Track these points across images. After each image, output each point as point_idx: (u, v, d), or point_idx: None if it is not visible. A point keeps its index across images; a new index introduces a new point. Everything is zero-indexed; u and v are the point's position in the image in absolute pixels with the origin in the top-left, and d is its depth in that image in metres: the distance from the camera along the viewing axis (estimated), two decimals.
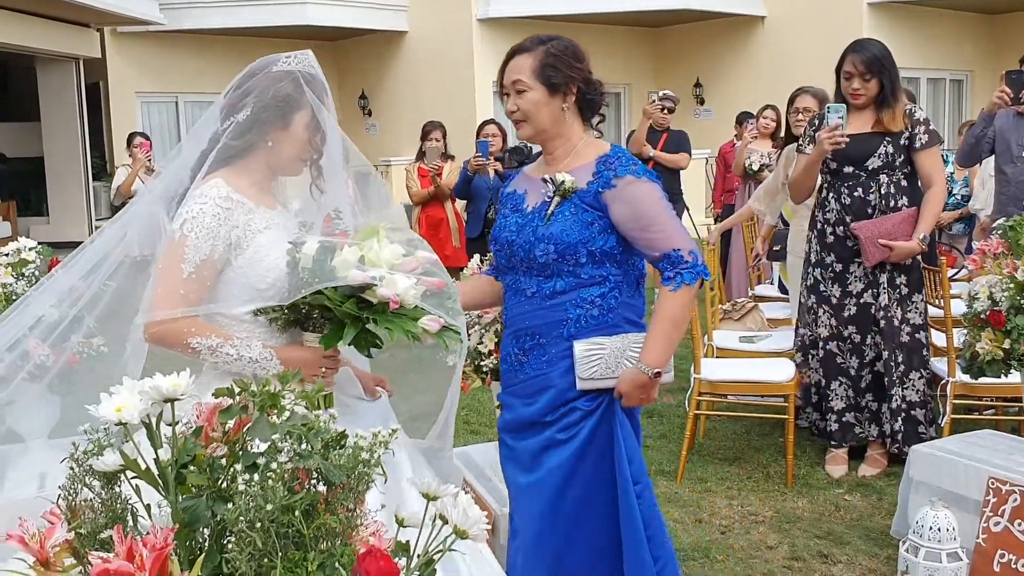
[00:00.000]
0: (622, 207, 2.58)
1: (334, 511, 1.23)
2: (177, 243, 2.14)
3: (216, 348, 2.13)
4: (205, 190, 2.18)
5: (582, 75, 2.66)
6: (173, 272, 2.14)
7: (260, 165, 2.29)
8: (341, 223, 2.27)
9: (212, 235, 2.15)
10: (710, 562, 3.76)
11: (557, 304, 2.64)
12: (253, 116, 2.22)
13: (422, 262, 2.18)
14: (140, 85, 16.54)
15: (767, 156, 8.18)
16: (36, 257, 3.59)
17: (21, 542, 1.27)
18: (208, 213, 2.15)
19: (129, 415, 1.22)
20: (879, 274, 4.52)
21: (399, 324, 2.07)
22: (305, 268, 2.08)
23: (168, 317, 2.12)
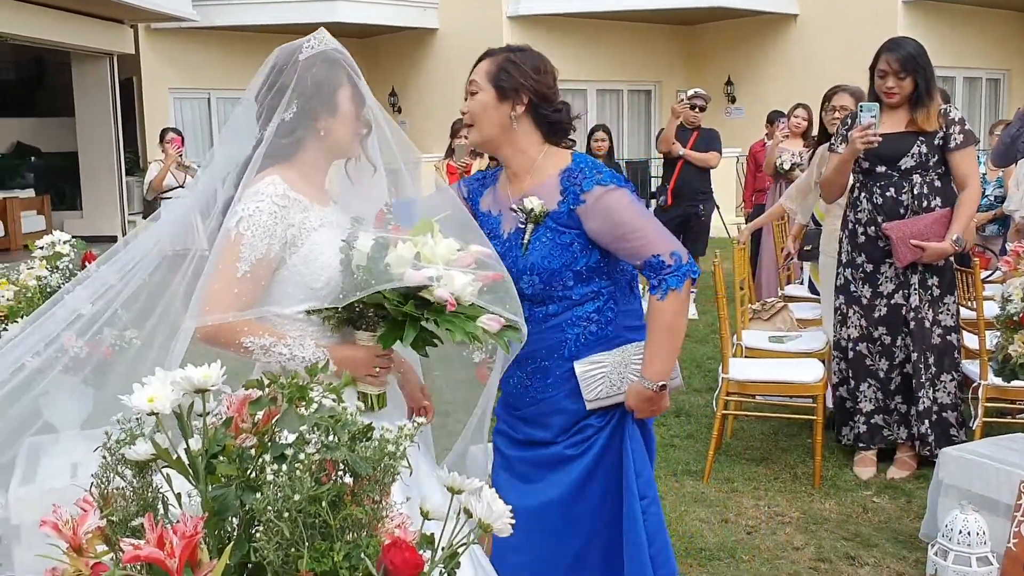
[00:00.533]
0: (596, 221, 2.49)
1: (360, 502, 1.24)
2: (233, 242, 2.09)
3: (269, 347, 2.08)
4: (261, 187, 2.13)
5: (536, 86, 2.52)
6: (228, 271, 2.08)
7: (315, 156, 2.25)
8: (394, 217, 2.20)
9: (268, 233, 2.10)
10: (736, 562, 3.75)
11: (553, 327, 2.56)
12: (300, 111, 2.18)
13: (476, 256, 2.13)
14: (173, 81, 16.71)
15: (798, 155, 8.12)
16: (70, 251, 3.63)
17: (55, 528, 1.29)
18: (265, 211, 2.10)
19: (161, 405, 1.24)
20: (910, 275, 4.48)
21: (459, 325, 2.02)
22: (360, 267, 2.04)
23: (220, 322, 2.07)
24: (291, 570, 1.18)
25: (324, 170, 2.30)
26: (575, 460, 2.61)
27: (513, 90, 2.51)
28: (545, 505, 2.61)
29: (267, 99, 2.20)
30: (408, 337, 2.02)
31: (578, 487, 2.61)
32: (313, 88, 2.19)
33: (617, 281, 2.62)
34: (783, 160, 8.20)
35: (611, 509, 2.62)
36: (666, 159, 8.75)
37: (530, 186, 2.55)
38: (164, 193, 9.17)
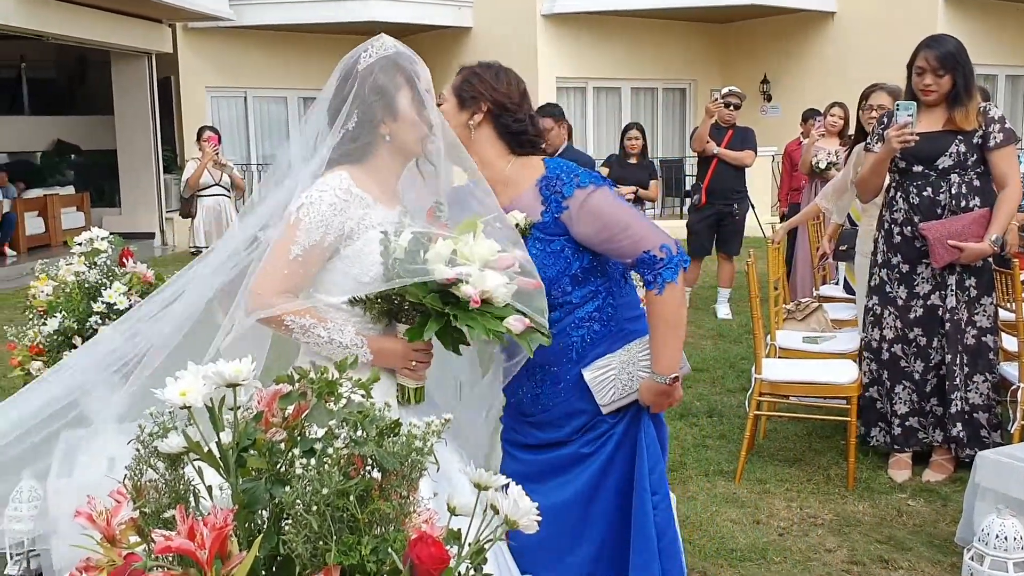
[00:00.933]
0: (583, 225, 2.49)
1: (388, 497, 1.25)
2: (292, 225, 2.18)
3: (309, 328, 2.15)
4: (329, 179, 2.21)
5: (495, 96, 2.55)
6: (281, 251, 2.17)
7: (385, 160, 2.31)
8: (443, 215, 2.27)
9: (325, 223, 2.17)
10: (767, 563, 3.72)
11: (558, 333, 2.53)
12: (360, 120, 2.25)
13: (519, 260, 2.16)
14: (210, 80, 16.89)
15: (834, 154, 8.05)
16: (108, 247, 3.69)
17: (89, 519, 1.31)
18: (326, 201, 2.17)
19: (193, 399, 1.25)
20: (948, 276, 4.42)
21: (481, 322, 2.04)
22: (398, 260, 2.09)
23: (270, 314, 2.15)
24: (319, 563, 1.19)
25: (397, 172, 2.36)
26: (590, 457, 2.62)
27: (472, 98, 2.57)
28: (561, 505, 2.61)
29: (334, 106, 2.29)
30: (430, 330, 2.06)
31: (594, 484, 2.62)
32: (372, 96, 2.26)
33: (611, 275, 2.63)
34: (819, 159, 8.12)
35: (624, 504, 2.62)
36: (700, 158, 8.70)
37: (510, 199, 2.54)
38: (200, 191, 9.27)
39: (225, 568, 1.16)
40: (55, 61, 19.56)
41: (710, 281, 9.63)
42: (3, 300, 10.52)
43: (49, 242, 14.65)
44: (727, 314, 8.59)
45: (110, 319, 3.48)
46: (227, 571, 1.16)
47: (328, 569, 1.18)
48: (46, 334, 3.48)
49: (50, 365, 3.48)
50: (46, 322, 3.51)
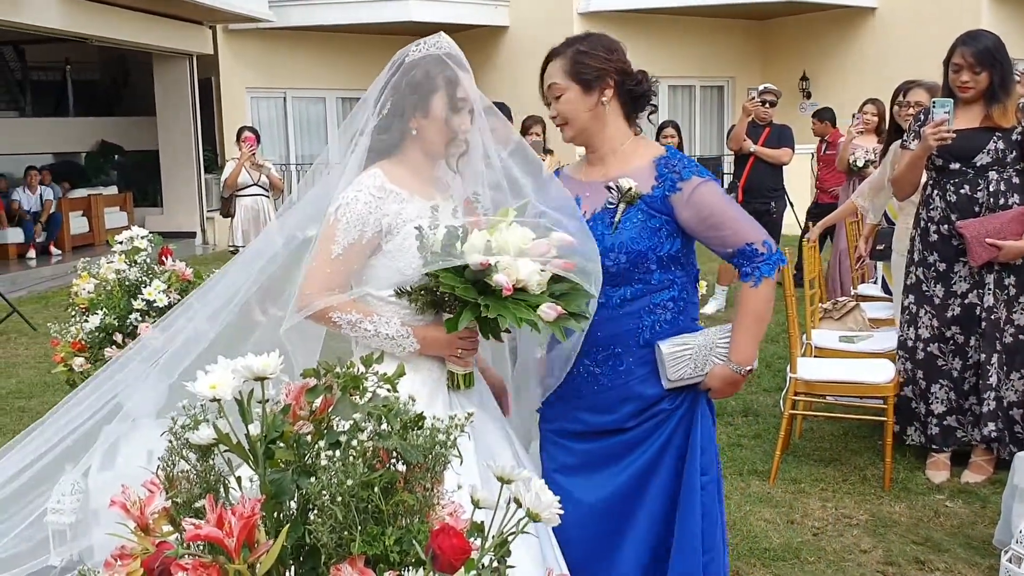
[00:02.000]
0: (690, 210, 2.52)
1: (412, 489, 1.27)
2: (331, 225, 2.29)
3: (356, 323, 2.25)
4: (363, 178, 2.32)
5: (615, 66, 2.57)
6: (324, 251, 2.29)
7: (415, 153, 2.40)
8: (480, 205, 2.32)
9: (361, 221, 2.27)
10: (801, 563, 3.70)
11: (630, 312, 2.57)
12: (392, 109, 2.35)
13: (556, 244, 2.20)
14: (250, 80, 17.07)
15: (872, 152, 7.96)
16: (147, 245, 3.76)
17: (123, 508, 1.35)
18: (361, 200, 2.28)
19: (223, 392, 1.29)
20: (986, 274, 4.37)
21: (511, 311, 2.09)
22: (435, 252, 2.15)
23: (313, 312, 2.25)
24: (344, 552, 1.21)
25: (430, 165, 2.43)
26: (644, 443, 2.62)
27: (596, 77, 2.56)
28: (613, 493, 2.63)
29: (375, 95, 2.38)
30: (464, 320, 2.11)
31: (648, 470, 2.62)
32: (407, 89, 2.34)
33: (689, 272, 2.66)
34: (856, 157, 8.04)
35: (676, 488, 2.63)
36: (737, 156, 8.65)
37: (617, 170, 2.59)
38: (239, 191, 9.36)
39: (252, 556, 1.19)
40: (99, 63, 19.90)
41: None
42: (50, 298, 10.74)
43: (93, 241, 14.91)
44: None
45: (150, 316, 3.55)
46: (254, 559, 1.19)
47: (353, 559, 1.21)
48: (88, 331, 3.56)
49: (91, 361, 3.55)
50: (88, 319, 3.58)
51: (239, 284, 2.58)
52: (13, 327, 8.94)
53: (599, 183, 2.60)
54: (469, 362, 2.37)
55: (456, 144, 2.39)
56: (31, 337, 8.57)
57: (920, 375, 4.56)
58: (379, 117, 2.35)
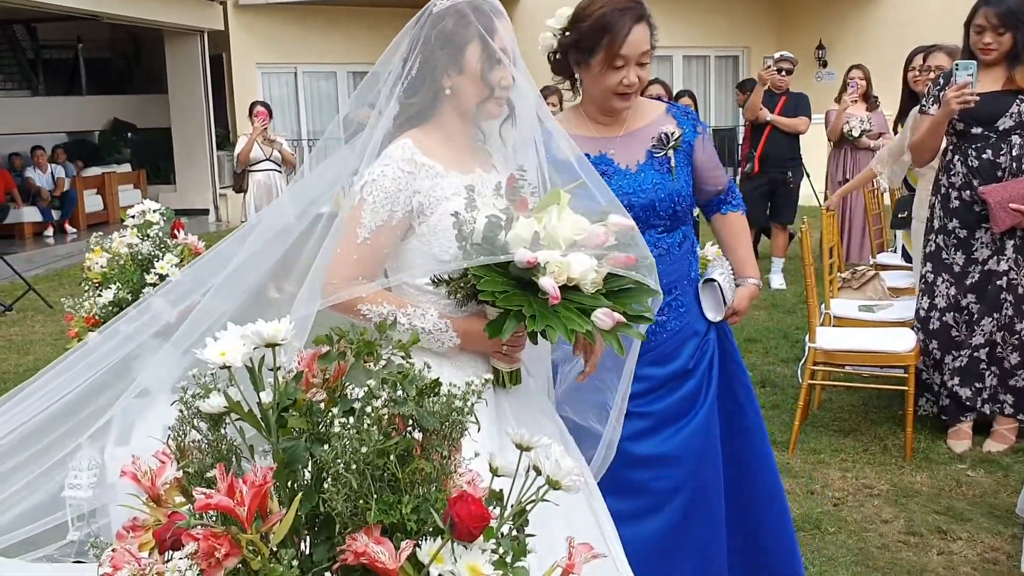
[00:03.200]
0: (705, 152, 2.73)
1: (429, 457, 1.24)
2: (356, 206, 2.02)
3: (387, 316, 1.97)
4: (391, 150, 2.04)
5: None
6: (349, 236, 2.02)
7: (451, 118, 2.12)
8: (527, 184, 2.01)
9: (391, 200, 2.00)
10: (821, 534, 3.67)
11: (684, 253, 2.70)
12: (423, 66, 2.06)
13: (614, 230, 1.95)
14: (260, 56, 17.01)
15: (867, 121, 7.87)
16: (160, 219, 3.73)
17: (134, 479, 1.33)
18: (388, 176, 2.01)
19: (232, 359, 1.25)
20: (1007, 240, 4.29)
21: (561, 321, 1.81)
22: (476, 244, 1.89)
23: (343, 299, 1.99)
24: (359, 521, 1.19)
25: (465, 132, 2.16)
26: (705, 379, 2.72)
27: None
28: (694, 431, 2.68)
29: (401, 55, 2.10)
30: (508, 331, 1.84)
31: (712, 400, 2.73)
32: (437, 43, 2.06)
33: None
34: (852, 127, 7.95)
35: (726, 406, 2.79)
36: (753, 126, 8.55)
37: (640, 122, 2.67)
38: (251, 165, 9.34)
39: (265, 525, 1.17)
40: (110, 41, 19.88)
41: (763, 251, 9.49)
42: (66, 275, 10.77)
43: (107, 219, 14.95)
44: (781, 284, 8.46)
45: None
46: (267, 528, 1.16)
47: (369, 528, 1.18)
48: (101, 305, 3.54)
49: None
50: (101, 293, 3.57)
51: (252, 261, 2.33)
52: (30, 305, 8.97)
53: (627, 136, 2.65)
54: (516, 359, 2.09)
55: (496, 103, 2.10)
56: (47, 315, 8.60)
57: (934, 345, 4.50)
58: (407, 79, 2.06)
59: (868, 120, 8.01)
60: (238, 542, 1.14)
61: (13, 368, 6.75)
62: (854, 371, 5.00)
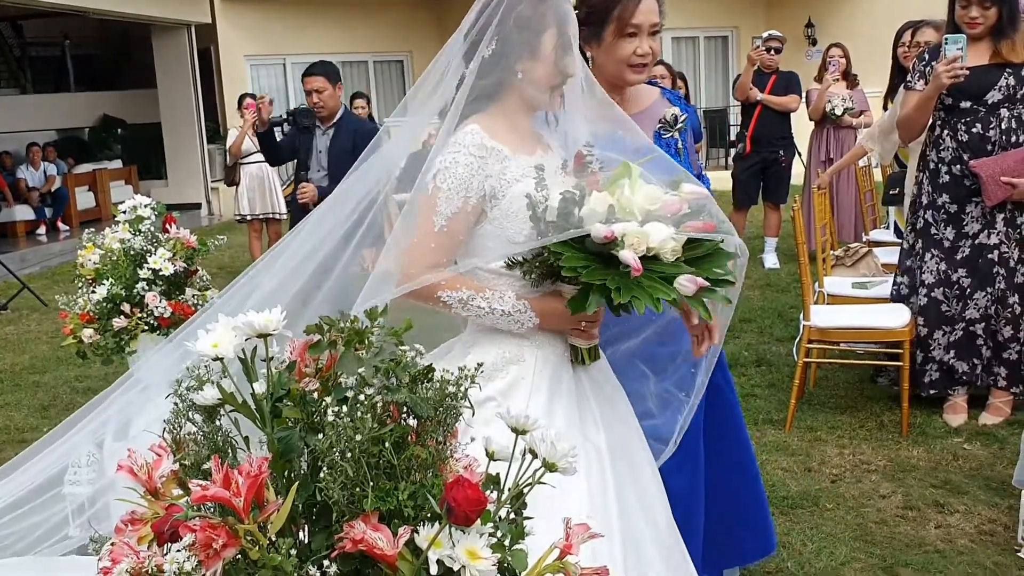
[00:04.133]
0: (692, 134, 2.74)
1: (424, 444, 1.25)
2: (431, 195, 2.01)
3: (467, 301, 1.99)
4: (459, 137, 2.03)
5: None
6: (425, 225, 2.00)
7: (515, 103, 2.11)
8: (596, 160, 2.04)
9: (465, 186, 2.00)
10: (819, 510, 3.69)
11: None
12: (498, 50, 2.04)
13: (689, 199, 1.95)
14: (249, 48, 16.92)
15: (849, 99, 7.87)
16: (151, 214, 3.73)
17: (130, 472, 1.33)
18: (461, 163, 2.00)
19: (224, 350, 1.26)
20: (996, 214, 4.30)
21: (647, 291, 1.80)
22: (551, 223, 1.89)
23: (416, 288, 1.98)
24: (356, 509, 1.19)
25: (528, 116, 2.16)
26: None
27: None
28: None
29: (473, 36, 2.07)
30: (593, 305, 1.84)
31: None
32: (515, 27, 2.05)
33: None
34: (834, 105, 7.95)
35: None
36: (744, 106, 8.54)
37: (635, 106, 2.60)
38: (243, 158, 9.29)
39: (262, 515, 1.17)
40: (97, 37, 19.76)
41: (756, 231, 9.50)
42: (60, 273, 10.75)
43: (100, 216, 14.90)
44: (774, 263, 8.47)
45: (156, 285, 3.53)
46: (264, 518, 1.17)
47: (366, 515, 1.18)
48: (95, 301, 3.54)
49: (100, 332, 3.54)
50: (95, 290, 3.57)
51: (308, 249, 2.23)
52: (24, 304, 8.96)
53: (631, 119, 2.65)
54: (594, 334, 2.09)
55: (557, 94, 2.10)
56: (43, 313, 8.59)
57: (920, 321, 4.51)
58: (481, 61, 2.03)
59: (850, 98, 8.01)
60: (235, 533, 1.14)
61: (9, 367, 6.74)
62: (849, 348, 5.02)
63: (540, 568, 1.24)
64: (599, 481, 2.00)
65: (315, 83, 5.74)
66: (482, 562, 1.17)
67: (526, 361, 2.05)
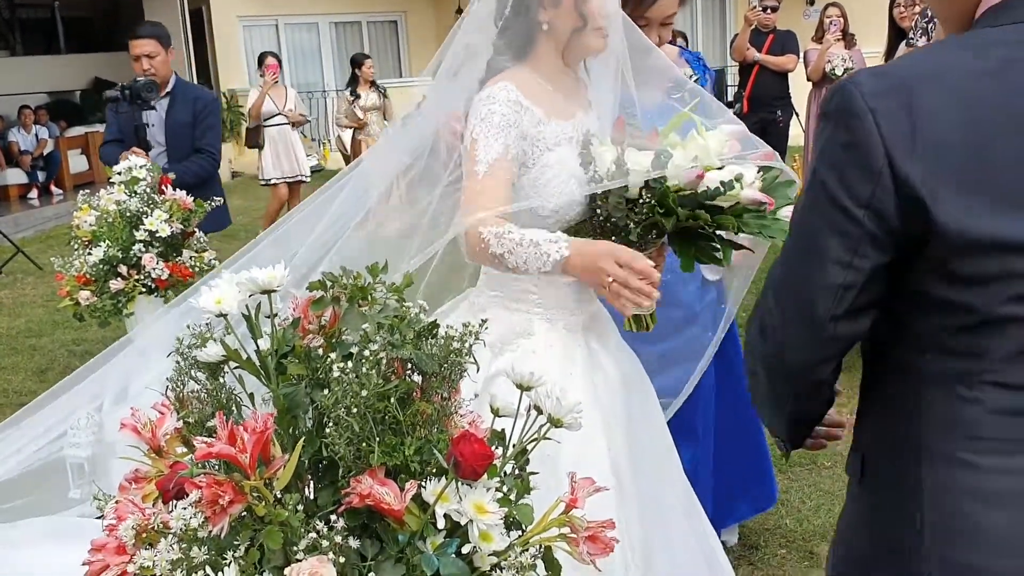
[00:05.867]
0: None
1: (429, 399, 1.24)
2: (470, 148, 1.93)
3: (502, 234, 1.84)
4: (493, 91, 1.95)
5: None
6: (471, 176, 1.92)
7: (548, 58, 2.01)
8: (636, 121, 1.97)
9: (503, 133, 1.91)
10: (817, 468, 3.71)
11: None
12: (516, 3, 1.96)
13: (737, 137, 1.94)
14: (241, 9, 16.73)
15: (849, 59, 7.80)
16: (146, 175, 3.70)
17: (134, 431, 1.32)
18: (497, 113, 1.92)
19: (228, 307, 1.24)
20: None
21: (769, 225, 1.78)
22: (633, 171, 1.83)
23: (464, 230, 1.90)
24: (363, 465, 1.19)
25: (563, 72, 2.05)
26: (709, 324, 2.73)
27: None
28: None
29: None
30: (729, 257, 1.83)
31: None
32: None
33: None
34: (835, 65, 7.87)
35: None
36: (741, 66, 8.48)
37: None
38: (265, 120, 8.97)
39: (268, 471, 1.17)
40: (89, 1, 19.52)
41: None
42: (54, 236, 10.70)
43: (93, 179, 14.78)
44: None
45: (152, 247, 3.51)
46: (271, 474, 1.16)
47: (373, 470, 1.18)
48: (92, 264, 3.52)
49: (97, 294, 3.53)
50: (91, 252, 3.55)
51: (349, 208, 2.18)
52: (19, 267, 8.92)
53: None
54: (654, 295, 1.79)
55: (596, 35, 1.98)
56: (37, 276, 8.56)
57: None
58: (502, 16, 1.97)
59: (849, 58, 7.94)
60: (242, 489, 1.14)
61: (6, 331, 6.73)
62: None
63: (546, 522, 1.24)
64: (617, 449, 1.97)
65: (145, 47, 4.81)
66: (489, 516, 1.17)
67: (536, 335, 2.00)
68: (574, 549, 1.22)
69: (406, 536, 1.18)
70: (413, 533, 1.17)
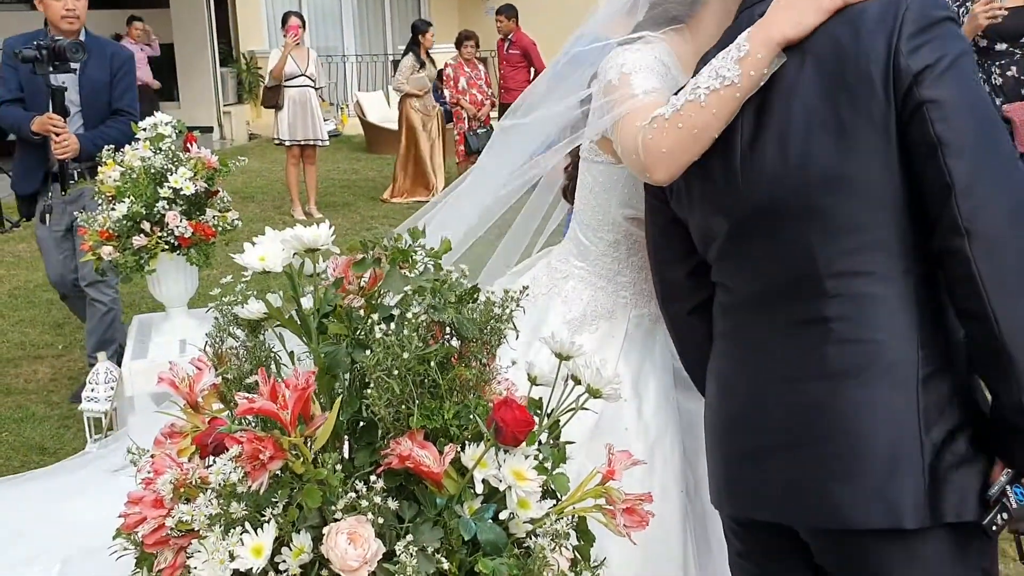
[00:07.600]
0: None
1: (468, 364, 1.24)
2: (620, 83, 1.61)
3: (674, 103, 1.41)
4: (640, 45, 1.69)
5: None
6: (627, 102, 1.56)
7: (710, 27, 1.68)
8: None
9: (655, 73, 1.62)
10: None
11: None
12: None
13: None
14: None
15: None
16: (172, 131, 3.68)
17: (172, 385, 1.32)
18: (647, 55, 1.65)
19: (272, 264, 1.24)
20: None
21: None
22: None
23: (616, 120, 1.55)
24: (402, 427, 1.19)
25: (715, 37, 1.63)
26: None
27: None
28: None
29: None
30: None
31: None
32: None
33: None
34: None
35: None
36: None
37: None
38: (287, 81, 8.88)
39: (308, 429, 1.17)
40: None
41: None
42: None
43: None
44: None
45: (177, 204, 3.51)
46: (310, 432, 1.16)
47: (412, 433, 1.18)
48: (115, 219, 3.51)
49: (120, 249, 3.53)
50: (115, 207, 3.54)
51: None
52: None
53: None
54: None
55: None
56: None
57: None
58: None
59: None
60: (282, 446, 1.14)
61: (23, 284, 6.76)
62: None
63: (583, 491, 1.24)
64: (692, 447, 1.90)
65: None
66: (528, 483, 1.17)
67: (617, 319, 1.94)
68: (610, 520, 1.22)
69: (444, 500, 1.18)
70: (451, 497, 1.17)
